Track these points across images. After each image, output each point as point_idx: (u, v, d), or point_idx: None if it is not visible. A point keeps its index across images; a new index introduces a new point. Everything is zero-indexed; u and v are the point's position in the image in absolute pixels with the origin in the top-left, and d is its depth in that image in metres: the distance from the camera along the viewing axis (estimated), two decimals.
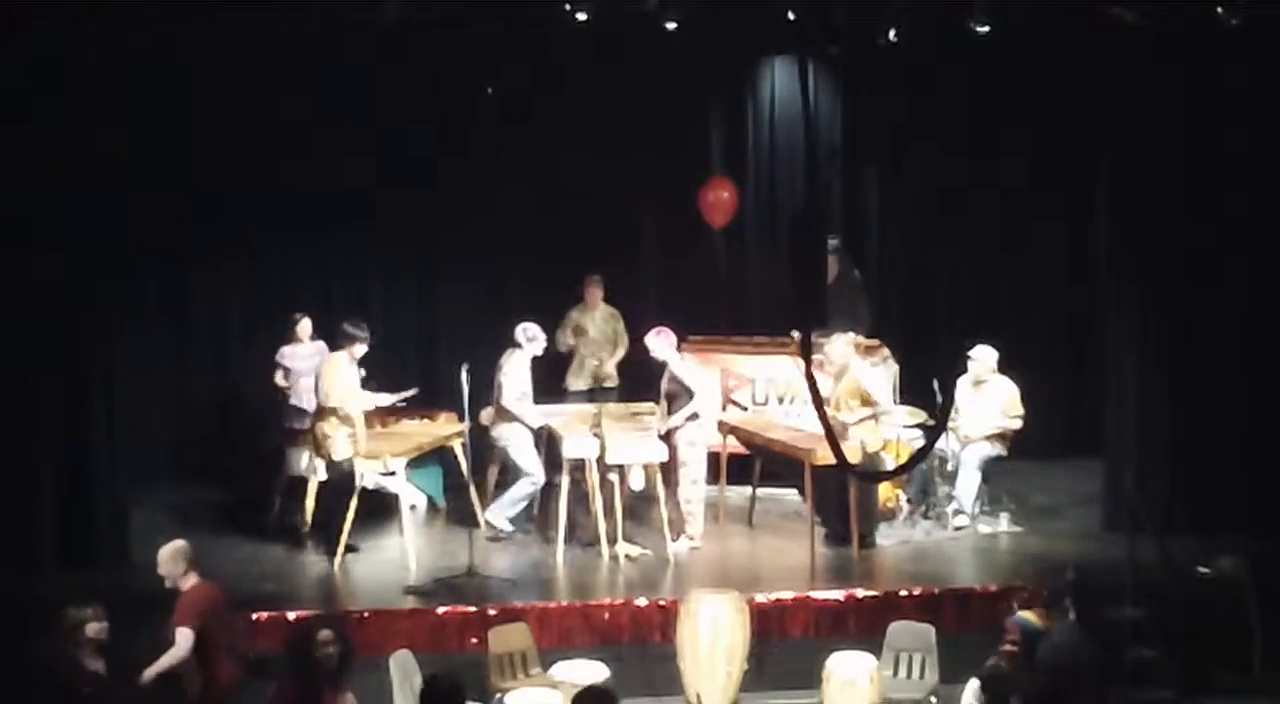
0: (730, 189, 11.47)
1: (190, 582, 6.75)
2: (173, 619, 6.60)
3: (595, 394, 10.40)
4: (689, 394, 9.23)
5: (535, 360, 9.55)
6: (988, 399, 9.73)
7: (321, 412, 8.97)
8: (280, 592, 8.55)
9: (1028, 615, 6.88)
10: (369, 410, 9.26)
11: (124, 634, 6.70)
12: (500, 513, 9.43)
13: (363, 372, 9.22)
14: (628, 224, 11.59)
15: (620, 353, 10.69)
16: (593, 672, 7.31)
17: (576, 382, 10.70)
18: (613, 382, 10.59)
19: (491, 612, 8.09)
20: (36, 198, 8.49)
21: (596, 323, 10.77)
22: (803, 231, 11.92)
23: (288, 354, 10.01)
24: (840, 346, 9.34)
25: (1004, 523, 9.80)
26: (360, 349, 9.05)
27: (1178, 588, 8.03)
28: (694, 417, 9.25)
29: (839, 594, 8.40)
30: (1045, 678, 6.42)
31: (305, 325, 10.02)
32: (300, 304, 10.58)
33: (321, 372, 9.08)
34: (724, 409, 10.54)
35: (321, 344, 9.82)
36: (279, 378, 9.98)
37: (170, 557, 6.76)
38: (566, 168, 11.22)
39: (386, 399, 9.41)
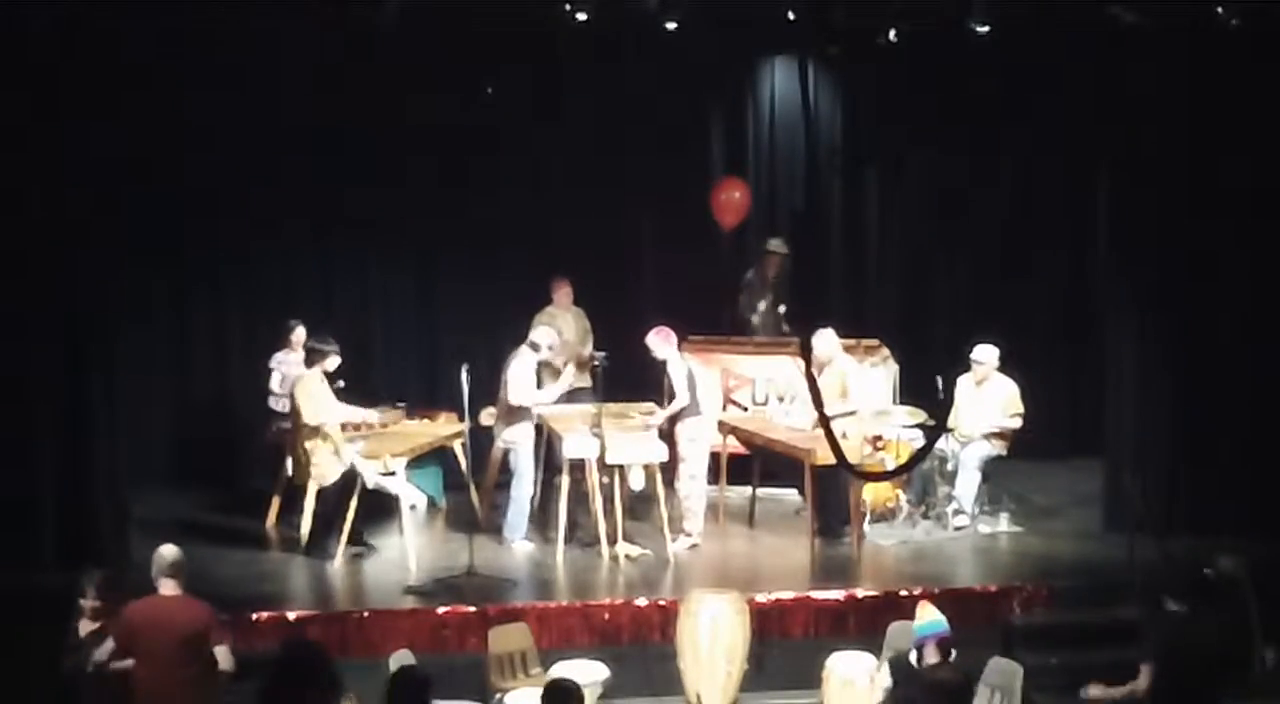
0: (742, 189, 11.47)
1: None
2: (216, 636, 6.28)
3: (574, 396, 10.40)
4: (675, 395, 9.25)
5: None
6: (988, 398, 9.74)
7: (300, 431, 8.99)
8: (280, 592, 8.55)
9: (935, 615, 6.68)
10: (351, 422, 9.31)
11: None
12: (515, 534, 9.41)
13: (340, 382, 9.25)
14: (627, 224, 11.59)
15: (587, 352, 10.68)
16: (593, 672, 7.31)
17: (554, 387, 10.66)
18: (585, 382, 10.56)
19: (491, 612, 8.09)
20: (36, 198, 8.48)
21: (570, 324, 10.77)
22: (803, 232, 12.10)
23: (281, 360, 10.00)
24: (825, 341, 9.36)
25: (1004, 523, 9.80)
26: (333, 362, 9.08)
27: (1178, 588, 8.02)
28: (682, 415, 9.26)
29: (839, 594, 8.40)
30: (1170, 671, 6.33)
31: (300, 332, 9.98)
32: (300, 304, 10.57)
33: (295, 392, 9.08)
34: (724, 409, 10.54)
35: None
36: (274, 383, 9.97)
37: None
38: (566, 168, 11.22)
39: (364, 414, 9.38)
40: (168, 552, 6.39)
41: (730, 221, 11.47)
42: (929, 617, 6.61)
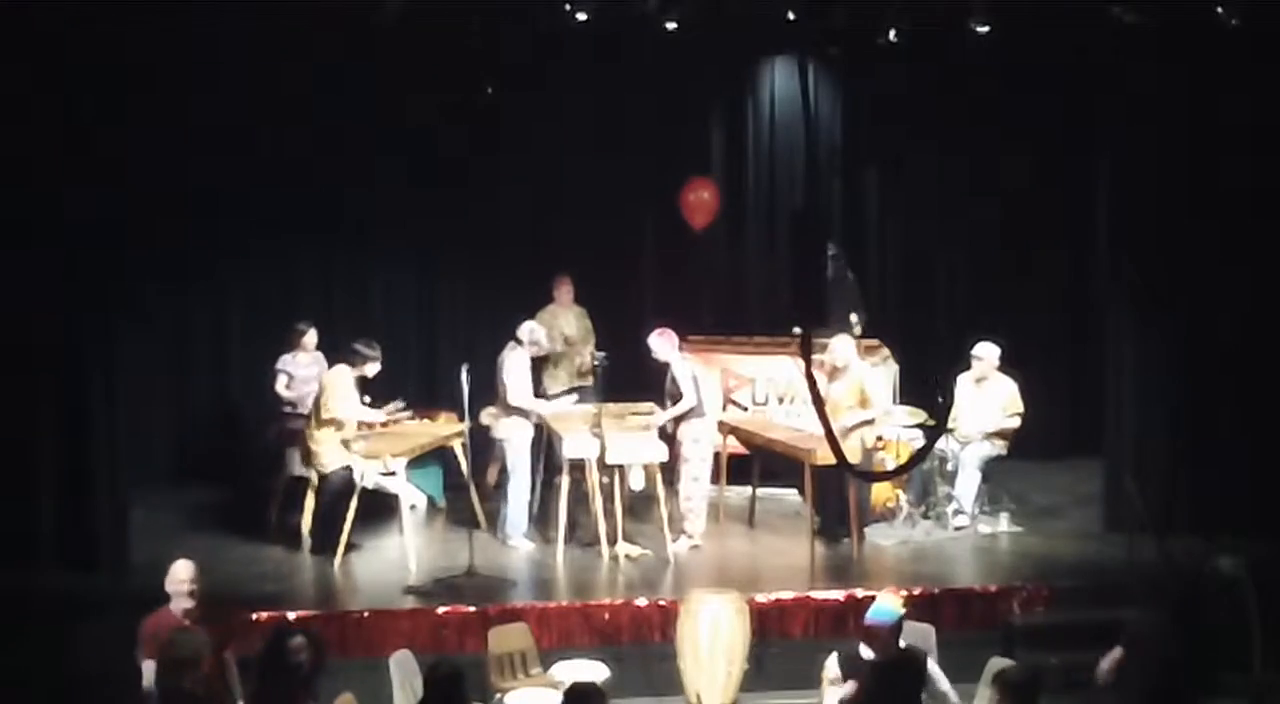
0: (711, 189, 11.47)
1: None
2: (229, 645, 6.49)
3: (577, 394, 10.40)
4: (682, 396, 9.25)
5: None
6: (988, 397, 9.74)
7: (314, 422, 9.00)
8: (280, 592, 8.54)
9: (889, 603, 6.50)
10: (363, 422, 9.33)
11: (122, 637, 6.68)
12: (515, 532, 9.42)
13: (367, 397, 9.31)
14: (627, 224, 11.59)
15: (589, 351, 10.66)
16: (593, 672, 7.31)
17: (555, 384, 10.66)
18: (588, 381, 10.56)
19: (491, 612, 8.09)
20: (36, 198, 8.49)
21: (571, 322, 10.78)
22: (802, 231, 12.04)
23: (288, 362, 9.97)
24: (843, 347, 9.36)
25: (1004, 523, 9.80)
26: (373, 368, 9.13)
27: (1178, 588, 8.03)
28: (687, 416, 9.26)
29: (839, 594, 8.40)
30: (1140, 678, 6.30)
31: (311, 336, 9.96)
32: (300, 304, 10.57)
33: (324, 382, 9.10)
34: (724, 409, 10.55)
35: (321, 354, 9.80)
36: (281, 386, 9.92)
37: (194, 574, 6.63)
38: (566, 167, 11.23)
39: (379, 416, 9.41)
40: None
41: (700, 222, 11.47)
42: (881, 604, 6.46)
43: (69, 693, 7.21)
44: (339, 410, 8.96)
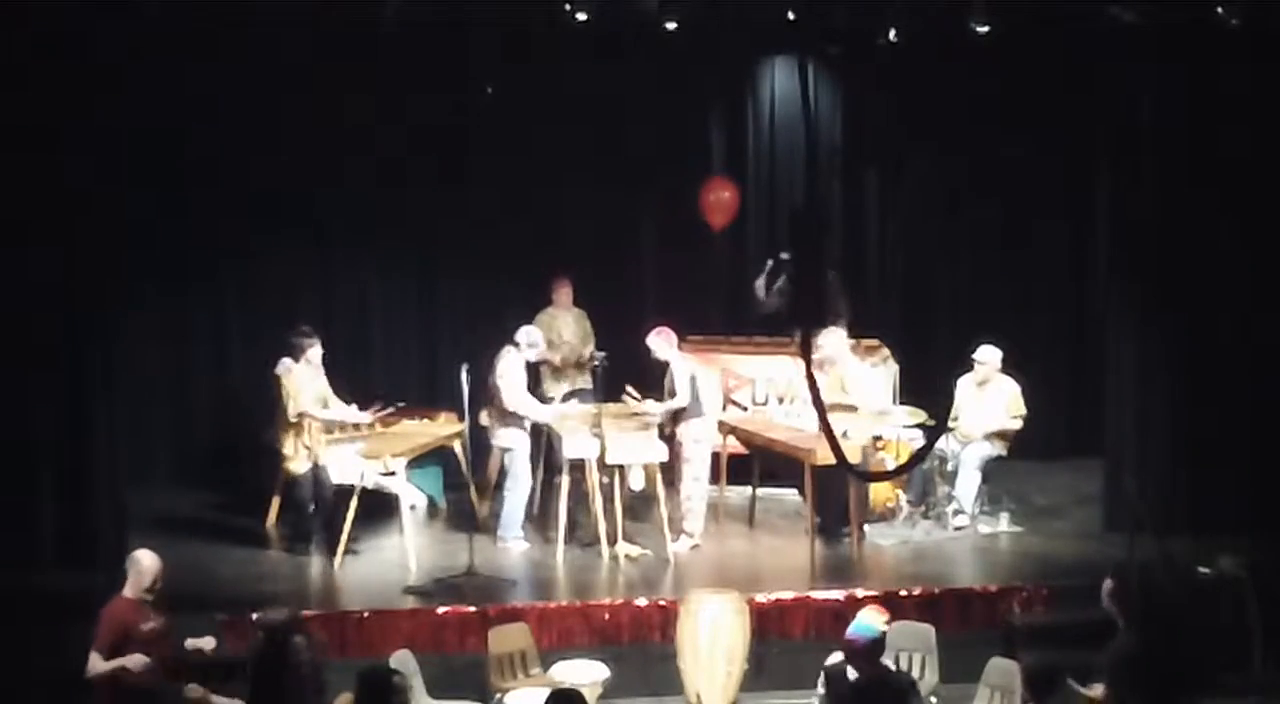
0: (731, 189, 11.46)
1: None
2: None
3: (577, 397, 10.38)
4: (677, 394, 9.25)
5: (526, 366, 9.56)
6: (990, 399, 9.74)
7: (283, 426, 9.06)
8: (279, 592, 8.53)
9: (870, 620, 6.25)
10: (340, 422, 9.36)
11: None
12: (510, 532, 9.41)
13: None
14: (627, 224, 11.59)
15: (588, 353, 10.65)
16: (593, 672, 7.32)
17: (555, 388, 10.62)
18: (587, 383, 10.54)
19: (491, 612, 8.09)
20: (37, 197, 8.48)
21: (570, 325, 10.76)
22: (802, 231, 12.08)
23: (288, 367, 9.94)
24: (831, 340, 9.36)
25: (1004, 523, 9.80)
26: (315, 355, 9.15)
27: (1178, 588, 8.04)
28: (686, 416, 9.26)
29: (839, 594, 8.40)
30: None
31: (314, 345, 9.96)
32: (300, 304, 10.56)
33: (283, 383, 9.12)
34: (724, 409, 10.54)
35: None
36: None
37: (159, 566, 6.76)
38: (566, 168, 11.22)
39: (355, 415, 9.36)
40: None
41: (719, 222, 11.46)
42: (861, 620, 6.28)
43: (69, 693, 7.20)
44: (305, 408, 9.02)
